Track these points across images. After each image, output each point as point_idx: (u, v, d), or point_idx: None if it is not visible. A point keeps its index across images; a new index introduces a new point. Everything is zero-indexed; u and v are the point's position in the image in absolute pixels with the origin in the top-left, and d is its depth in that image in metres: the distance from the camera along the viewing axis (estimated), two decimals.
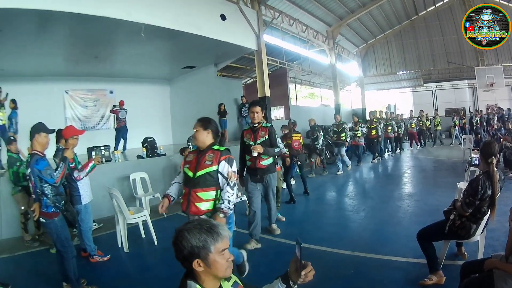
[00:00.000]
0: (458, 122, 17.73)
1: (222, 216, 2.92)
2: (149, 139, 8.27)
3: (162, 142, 11.00)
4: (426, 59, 22.11)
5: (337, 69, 18.38)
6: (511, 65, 20.08)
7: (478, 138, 12.38)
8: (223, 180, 3.07)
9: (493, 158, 3.09)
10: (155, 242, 5.06)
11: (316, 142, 9.64)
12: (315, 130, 9.53)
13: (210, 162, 3.06)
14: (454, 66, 21.36)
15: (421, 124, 16.16)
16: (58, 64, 10.08)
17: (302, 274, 1.53)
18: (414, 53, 22.29)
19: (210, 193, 3.07)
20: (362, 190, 8.27)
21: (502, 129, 12.56)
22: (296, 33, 15.30)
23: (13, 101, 7.81)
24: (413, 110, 17.64)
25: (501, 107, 19.50)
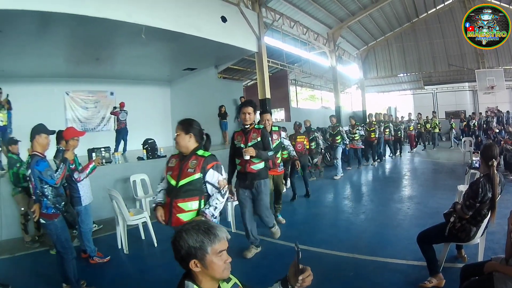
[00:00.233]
0: (455, 125, 17.71)
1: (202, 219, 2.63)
2: (149, 141, 8.27)
3: (163, 143, 10.99)
4: (427, 62, 22.15)
5: (337, 71, 18.39)
6: None
7: (479, 140, 12.37)
8: (213, 189, 2.86)
9: (493, 160, 3.09)
10: (155, 244, 5.05)
11: (312, 143, 9.40)
12: (311, 132, 9.34)
13: (193, 170, 2.82)
14: (455, 69, 21.40)
15: (419, 127, 16.12)
16: (58, 65, 10.09)
17: (299, 279, 1.53)
18: (415, 55, 22.32)
19: (192, 203, 2.85)
20: (362, 192, 8.26)
21: (503, 131, 12.56)
22: (296, 35, 15.32)
23: (7, 101, 7.77)
24: (411, 113, 17.64)
25: (500, 110, 19.49)
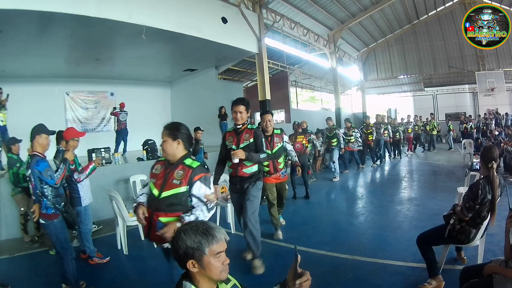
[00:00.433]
0: (453, 127, 17.72)
1: (179, 225, 2.28)
2: (149, 142, 8.26)
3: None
4: (427, 64, 22.20)
5: (338, 73, 18.39)
6: None
7: (479, 142, 12.36)
8: (199, 202, 2.52)
9: (493, 163, 3.09)
10: (155, 245, 5.03)
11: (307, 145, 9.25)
12: (307, 133, 9.24)
13: (179, 181, 2.51)
14: (455, 71, 21.42)
15: (416, 128, 16.10)
16: (59, 65, 10.11)
17: (296, 283, 1.53)
18: (415, 57, 22.37)
19: (171, 219, 2.50)
20: (362, 194, 8.24)
21: (502, 133, 12.56)
22: (297, 36, 15.33)
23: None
24: (410, 115, 17.64)
25: (498, 112, 19.51)
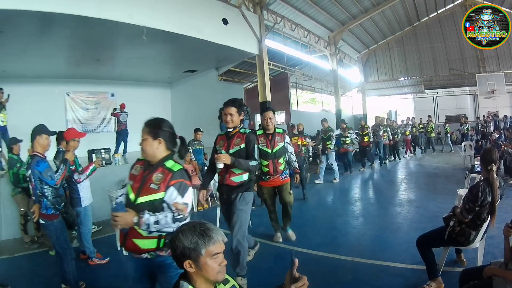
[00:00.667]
0: (450, 129, 17.72)
1: (135, 221, 2.06)
2: None
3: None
4: (428, 66, 22.20)
5: (338, 74, 18.44)
6: None
7: (479, 145, 12.37)
8: (168, 210, 2.18)
9: (492, 165, 3.09)
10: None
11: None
12: (303, 136, 9.18)
13: (157, 186, 2.20)
14: (456, 73, 21.42)
15: (414, 130, 16.07)
16: (59, 66, 10.11)
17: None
18: (416, 59, 22.37)
19: None
20: (362, 196, 8.24)
21: (502, 135, 12.56)
22: (298, 38, 15.35)
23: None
24: (409, 117, 17.63)
25: (496, 114, 19.50)
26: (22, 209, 5.42)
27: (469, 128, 17.14)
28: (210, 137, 10.71)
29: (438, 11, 20.51)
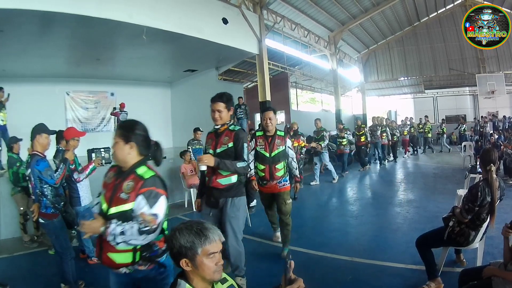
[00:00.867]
0: (446, 130, 17.71)
1: (102, 230, 1.93)
2: None
3: (163, 145, 10.96)
4: (428, 66, 22.16)
5: (338, 74, 18.41)
6: None
7: (479, 145, 12.36)
8: (135, 220, 1.96)
9: (491, 165, 3.10)
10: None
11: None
12: (298, 135, 9.11)
13: (127, 196, 2.00)
14: (456, 73, 21.39)
15: (412, 130, 16.06)
16: (59, 65, 10.11)
17: None
18: (416, 59, 22.33)
19: None
20: (361, 196, 8.24)
21: (502, 136, 12.56)
22: (297, 37, 15.33)
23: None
24: (407, 117, 17.60)
25: (495, 115, 19.49)
26: (22, 208, 5.41)
27: (465, 129, 17.15)
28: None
29: (438, 11, 20.48)
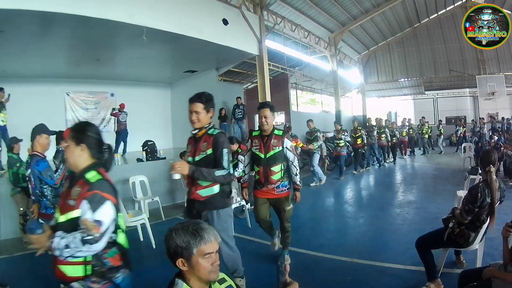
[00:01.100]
0: (444, 131, 17.71)
1: (49, 245, 1.84)
2: (149, 143, 8.27)
3: (162, 146, 11.01)
4: (428, 67, 22.17)
5: (338, 75, 18.44)
6: None
7: (479, 146, 12.36)
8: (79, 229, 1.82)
9: (491, 166, 3.09)
10: (153, 246, 5.05)
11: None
12: (292, 137, 9.05)
13: (75, 202, 1.87)
14: (456, 74, 21.40)
15: (411, 132, 16.04)
16: (59, 66, 10.10)
17: None
18: (416, 60, 22.34)
19: None
20: (361, 197, 8.25)
21: (502, 137, 12.56)
22: (298, 38, 15.36)
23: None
24: (405, 118, 17.60)
25: (493, 116, 19.47)
26: (22, 208, 5.40)
27: (464, 130, 17.16)
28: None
29: (439, 13, 20.52)
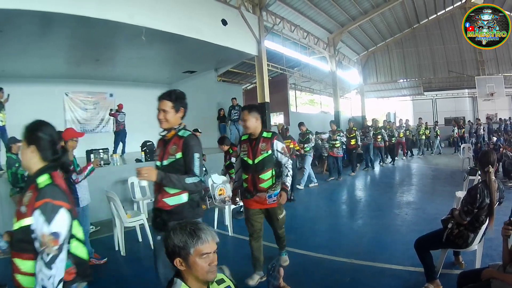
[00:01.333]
0: (440, 132, 17.72)
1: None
2: (148, 143, 8.27)
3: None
4: (427, 68, 22.21)
5: (337, 76, 18.42)
6: None
7: (478, 147, 12.38)
8: (37, 245, 1.70)
9: (490, 167, 3.09)
10: (152, 246, 5.04)
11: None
12: (287, 137, 9.01)
13: (26, 209, 1.73)
14: (455, 75, 21.46)
15: (408, 133, 16.02)
16: (59, 66, 10.11)
17: None
18: (415, 61, 22.38)
19: (27, 262, 1.82)
20: (360, 198, 8.24)
21: (501, 138, 12.58)
22: (297, 39, 15.37)
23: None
24: (402, 119, 17.59)
25: (490, 117, 19.50)
26: None
27: (456, 131, 17.20)
28: (208, 138, 10.72)
29: (438, 13, 20.56)
